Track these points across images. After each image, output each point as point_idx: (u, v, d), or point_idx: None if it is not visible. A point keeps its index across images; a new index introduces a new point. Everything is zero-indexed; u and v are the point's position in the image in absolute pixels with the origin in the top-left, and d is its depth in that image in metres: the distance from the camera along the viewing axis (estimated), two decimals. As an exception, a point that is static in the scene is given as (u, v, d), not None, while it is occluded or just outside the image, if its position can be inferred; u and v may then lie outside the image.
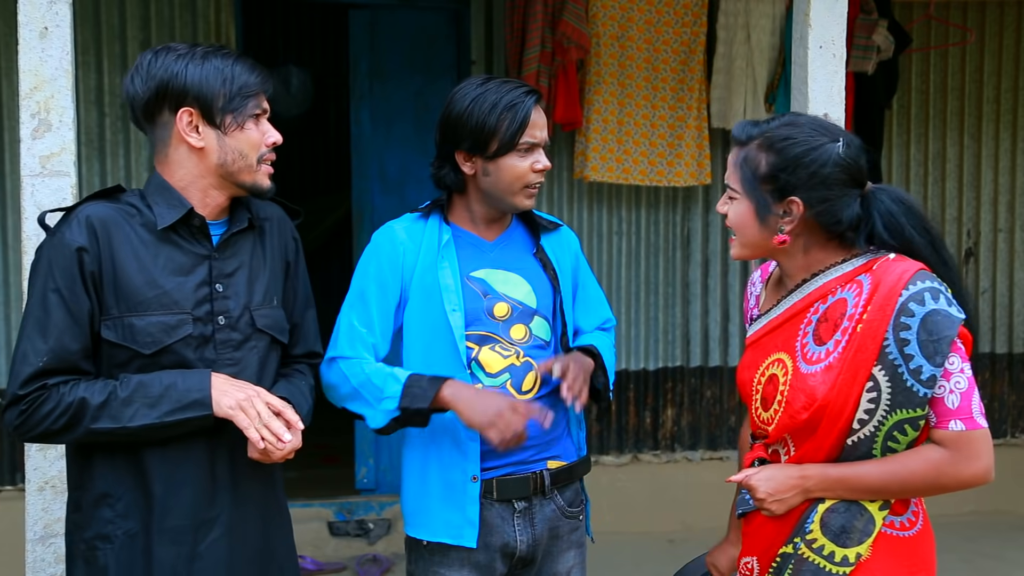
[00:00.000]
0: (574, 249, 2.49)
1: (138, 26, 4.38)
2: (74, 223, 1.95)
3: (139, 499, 1.98)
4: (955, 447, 1.85)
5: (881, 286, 1.86)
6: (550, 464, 2.32)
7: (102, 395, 1.91)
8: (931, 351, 1.81)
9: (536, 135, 2.27)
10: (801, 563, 1.92)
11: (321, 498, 4.84)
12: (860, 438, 1.88)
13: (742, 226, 1.99)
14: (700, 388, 5.05)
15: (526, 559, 2.32)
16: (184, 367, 1.98)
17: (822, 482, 1.90)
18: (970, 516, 4.93)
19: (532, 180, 2.28)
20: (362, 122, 5.04)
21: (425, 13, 5.02)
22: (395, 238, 2.34)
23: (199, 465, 2.00)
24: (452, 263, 2.30)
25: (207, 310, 2.00)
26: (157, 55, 2.00)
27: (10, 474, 4.36)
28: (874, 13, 4.47)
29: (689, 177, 4.71)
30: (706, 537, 2.85)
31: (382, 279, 2.31)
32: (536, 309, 2.33)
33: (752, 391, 2.04)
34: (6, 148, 4.31)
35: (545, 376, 2.29)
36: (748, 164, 1.95)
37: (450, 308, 2.26)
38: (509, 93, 2.26)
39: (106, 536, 1.99)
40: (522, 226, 2.42)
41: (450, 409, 2.18)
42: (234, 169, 2.02)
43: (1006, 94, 5.22)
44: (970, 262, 5.26)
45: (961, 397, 1.85)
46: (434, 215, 2.36)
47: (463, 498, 2.26)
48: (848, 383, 1.85)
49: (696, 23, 4.65)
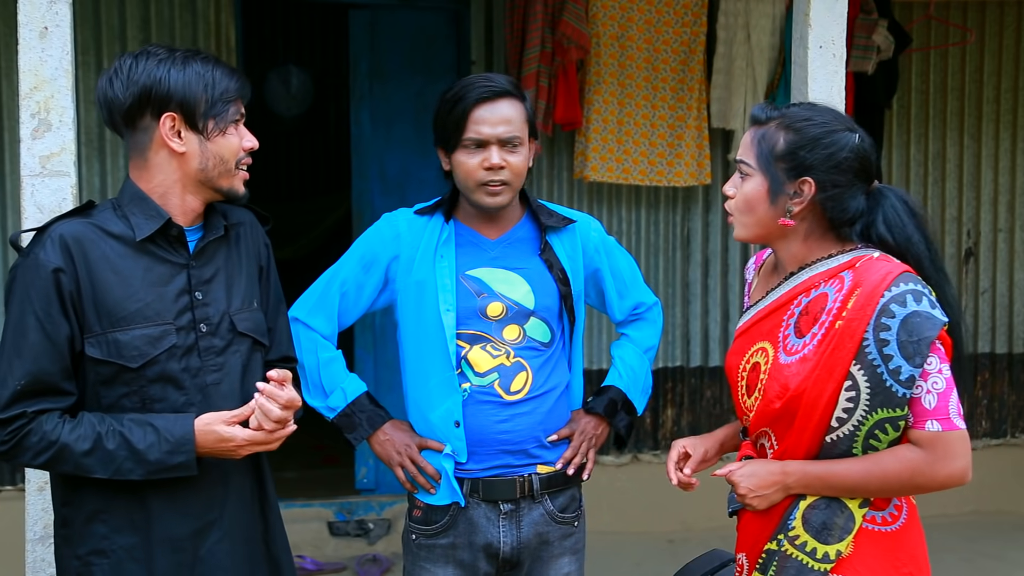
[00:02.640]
0: (593, 241, 2.43)
1: (138, 26, 4.38)
2: (48, 243, 1.92)
3: (136, 513, 1.97)
4: (931, 448, 1.85)
5: (864, 285, 1.86)
6: (540, 469, 2.31)
7: (86, 443, 1.89)
8: (910, 352, 1.82)
9: (482, 131, 2.22)
10: (785, 560, 1.92)
11: (321, 498, 4.84)
12: (839, 436, 1.89)
13: (752, 204, 1.98)
14: (700, 388, 5.05)
15: (511, 561, 2.31)
16: (170, 379, 1.97)
17: (802, 479, 1.91)
18: (971, 516, 4.92)
19: (484, 178, 2.24)
20: (362, 122, 5.03)
21: (425, 13, 5.02)
22: (398, 227, 2.37)
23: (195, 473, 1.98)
24: (449, 261, 2.30)
25: (188, 319, 1.99)
26: (137, 59, 1.97)
27: (10, 474, 4.36)
28: (874, 13, 4.47)
29: (689, 177, 4.71)
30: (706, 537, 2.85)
31: (370, 259, 2.35)
32: (533, 310, 2.31)
33: (738, 377, 2.06)
34: (6, 148, 4.31)
35: (537, 383, 2.29)
36: (766, 141, 1.96)
37: (444, 308, 2.26)
38: (463, 88, 2.25)
39: (101, 551, 1.97)
40: (532, 224, 2.38)
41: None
42: (214, 174, 2.01)
43: (1006, 94, 5.22)
44: (970, 262, 5.26)
45: (938, 398, 1.85)
46: (439, 212, 2.36)
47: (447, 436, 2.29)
48: (823, 378, 1.86)
49: (696, 23, 4.65)
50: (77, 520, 1.98)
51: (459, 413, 2.26)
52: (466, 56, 4.83)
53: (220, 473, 2.02)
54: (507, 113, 2.25)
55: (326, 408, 2.37)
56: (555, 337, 2.34)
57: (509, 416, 2.27)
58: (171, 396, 1.97)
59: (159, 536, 1.97)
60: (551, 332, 2.33)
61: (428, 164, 5.06)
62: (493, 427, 2.27)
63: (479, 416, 2.26)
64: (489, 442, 2.27)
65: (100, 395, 1.95)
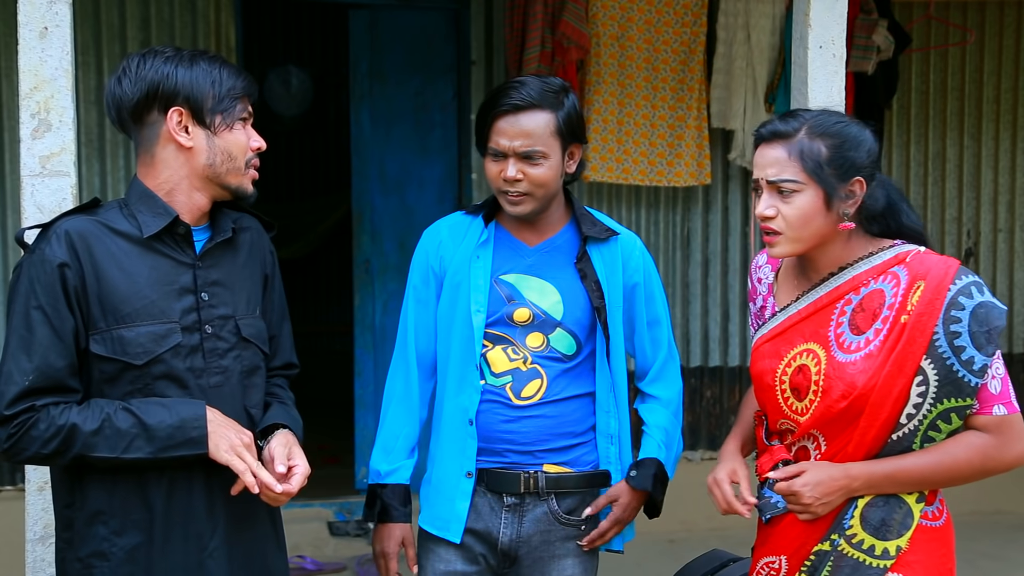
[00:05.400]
0: (634, 263, 2.38)
1: (138, 26, 4.38)
2: (53, 239, 1.92)
3: (139, 514, 1.96)
4: (998, 431, 1.89)
5: (928, 279, 1.88)
6: (547, 468, 2.30)
7: (95, 422, 1.88)
8: (982, 341, 1.85)
9: (501, 143, 2.22)
10: (841, 559, 1.92)
11: (321, 498, 4.84)
12: (905, 432, 1.90)
13: (809, 218, 1.94)
14: (700, 388, 5.05)
15: (508, 554, 2.31)
16: (174, 378, 1.96)
17: (869, 480, 1.91)
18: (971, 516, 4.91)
19: (503, 187, 2.25)
20: (362, 122, 5.03)
21: (425, 13, 5.02)
22: (440, 235, 2.39)
23: (197, 475, 1.98)
24: (485, 262, 2.31)
25: (194, 319, 1.99)
26: (144, 58, 1.99)
27: (10, 474, 4.36)
28: (874, 13, 4.47)
29: (689, 177, 4.71)
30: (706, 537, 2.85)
31: (425, 273, 2.38)
32: (560, 321, 2.29)
33: (775, 382, 2.02)
34: (6, 148, 4.31)
35: (553, 390, 2.30)
36: (808, 152, 1.93)
37: (474, 308, 2.28)
38: (493, 96, 2.28)
39: (103, 554, 1.96)
40: (575, 232, 2.36)
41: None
42: (222, 170, 2.01)
43: (1006, 94, 5.22)
44: (970, 262, 5.26)
45: (1001, 383, 1.90)
46: (481, 213, 2.37)
47: (455, 492, 2.29)
48: (894, 374, 1.87)
49: (696, 23, 4.65)
50: (79, 522, 1.97)
51: (473, 411, 2.27)
52: (466, 56, 4.83)
53: (220, 479, 2.01)
54: (528, 127, 2.22)
55: (373, 471, 2.40)
56: (581, 350, 2.32)
57: (516, 418, 2.27)
58: (174, 395, 1.96)
59: (162, 538, 1.97)
60: (577, 345, 2.31)
61: (428, 164, 5.08)
62: (498, 426, 2.28)
63: (487, 415, 2.28)
64: (495, 439, 2.28)
65: (105, 392, 1.94)
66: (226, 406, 2.01)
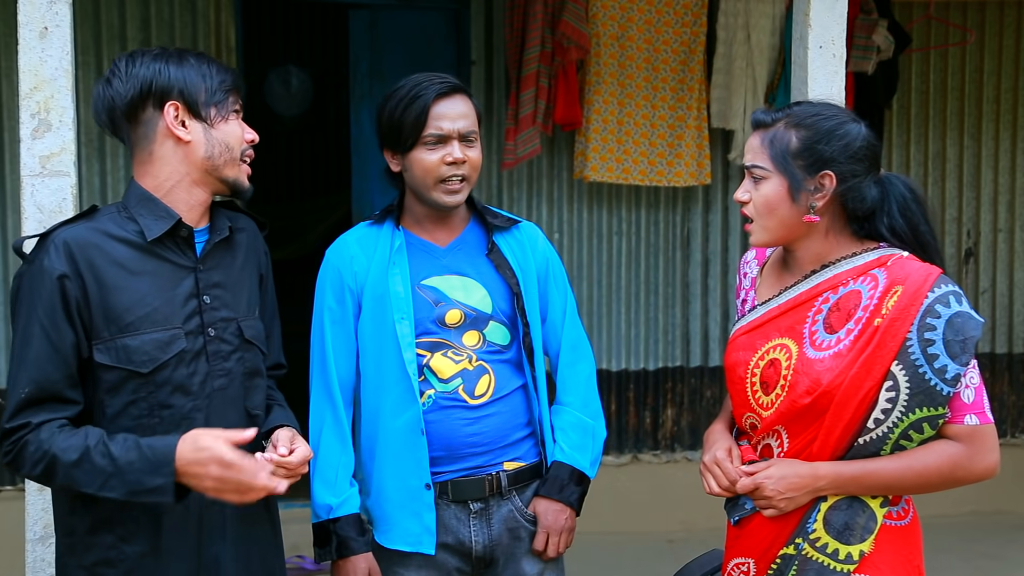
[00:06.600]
0: (540, 249, 2.41)
1: (138, 26, 4.38)
2: (51, 249, 1.90)
3: (145, 520, 1.94)
4: (970, 441, 1.88)
5: (905, 285, 1.87)
6: (507, 465, 2.31)
7: (75, 453, 1.84)
8: (957, 350, 1.84)
9: (443, 127, 2.24)
10: (805, 563, 1.92)
11: (321, 498, 4.83)
12: (873, 437, 1.89)
13: (772, 206, 1.97)
14: (700, 388, 5.05)
15: (485, 559, 2.31)
16: (179, 384, 1.95)
17: (835, 480, 1.90)
18: (970, 516, 4.92)
19: (445, 173, 2.24)
20: (362, 122, 5.04)
21: (425, 13, 5.02)
22: (348, 249, 2.33)
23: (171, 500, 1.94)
24: (403, 271, 2.28)
25: (197, 323, 1.99)
26: (133, 57, 2.00)
27: (10, 474, 4.36)
28: (874, 13, 4.47)
29: (689, 177, 4.71)
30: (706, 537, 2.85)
31: (339, 291, 2.30)
32: (491, 314, 2.31)
33: (746, 374, 2.03)
34: (6, 148, 4.31)
35: (500, 385, 2.28)
36: (778, 141, 1.96)
37: (398, 317, 2.25)
38: (418, 86, 2.27)
39: (110, 561, 1.94)
40: (479, 227, 2.38)
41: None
42: (220, 162, 2.01)
43: (1006, 94, 5.22)
44: (970, 262, 5.26)
45: (975, 392, 1.89)
46: (388, 220, 2.35)
47: (419, 505, 2.26)
48: (861, 376, 1.86)
49: (696, 23, 4.65)
50: (81, 528, 1.96)
51: (422, 422, 2.25)
52: (466, 56, 4.83)
53: None
54: (464, 108, 2.28)
55: (321, 507, 2.29)
56: (514, 340, 2.34)
57: (476, 419, 2.27)
58: (178, 402, 1.95)
59: (168, 544, 1.96)
60: (510, 334, 2.33)
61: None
62: (461, 430, 2.26)
63: (446, 422, 2.26)
64: (458, 446, 2.26)
65: (106, 403, 1.93)
66: (229, 408, 2.01)
